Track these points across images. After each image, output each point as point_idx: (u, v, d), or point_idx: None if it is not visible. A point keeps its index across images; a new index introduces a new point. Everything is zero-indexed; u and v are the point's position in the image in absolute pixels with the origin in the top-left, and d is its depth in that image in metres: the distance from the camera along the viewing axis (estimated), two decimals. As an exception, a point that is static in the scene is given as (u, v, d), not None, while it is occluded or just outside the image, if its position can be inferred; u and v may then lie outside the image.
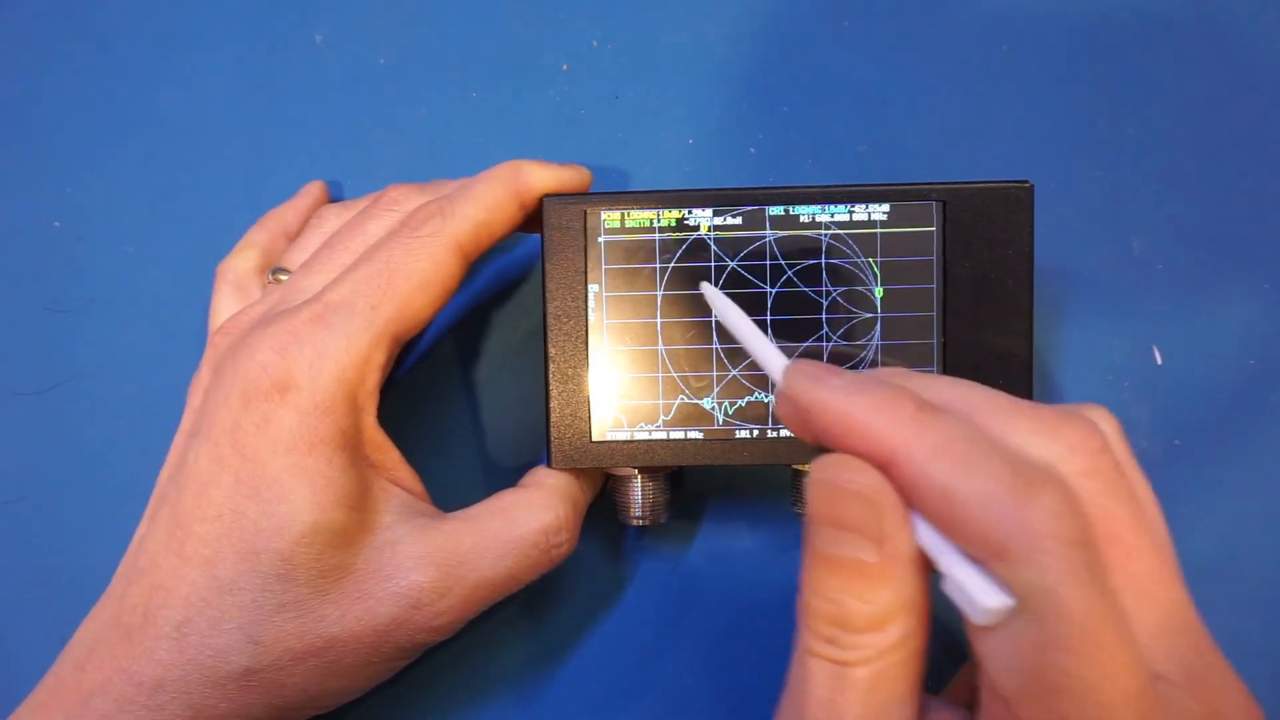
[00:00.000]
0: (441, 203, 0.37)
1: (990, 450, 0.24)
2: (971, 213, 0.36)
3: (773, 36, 0.45)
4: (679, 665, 0.43)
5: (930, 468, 0.24)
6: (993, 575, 0.23)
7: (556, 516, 0.37)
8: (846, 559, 0.25)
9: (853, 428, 0.25)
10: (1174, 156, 0.44)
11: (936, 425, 0.24)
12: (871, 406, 0.25)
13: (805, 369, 0.28)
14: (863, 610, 0.25)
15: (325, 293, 0.35)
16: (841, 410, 0.26)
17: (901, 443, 0.24)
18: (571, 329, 0.37)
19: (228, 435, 0.33)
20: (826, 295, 0.37)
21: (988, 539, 0.23)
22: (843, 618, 0.25)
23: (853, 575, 0.25)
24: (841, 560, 0.25)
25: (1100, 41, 0.44)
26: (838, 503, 0.25)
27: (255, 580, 0.33)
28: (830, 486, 0.25)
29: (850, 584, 0.25)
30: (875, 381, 0.26)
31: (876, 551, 0.25)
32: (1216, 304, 0.43)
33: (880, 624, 0.25)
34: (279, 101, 0.45)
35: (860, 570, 0.25)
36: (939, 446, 0.24)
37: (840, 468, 0.25)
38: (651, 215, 0.37)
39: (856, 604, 0.25)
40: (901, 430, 0.25)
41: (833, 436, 0.26)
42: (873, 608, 0.25)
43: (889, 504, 0.25)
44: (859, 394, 0.26)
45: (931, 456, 0.24)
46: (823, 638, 0.26)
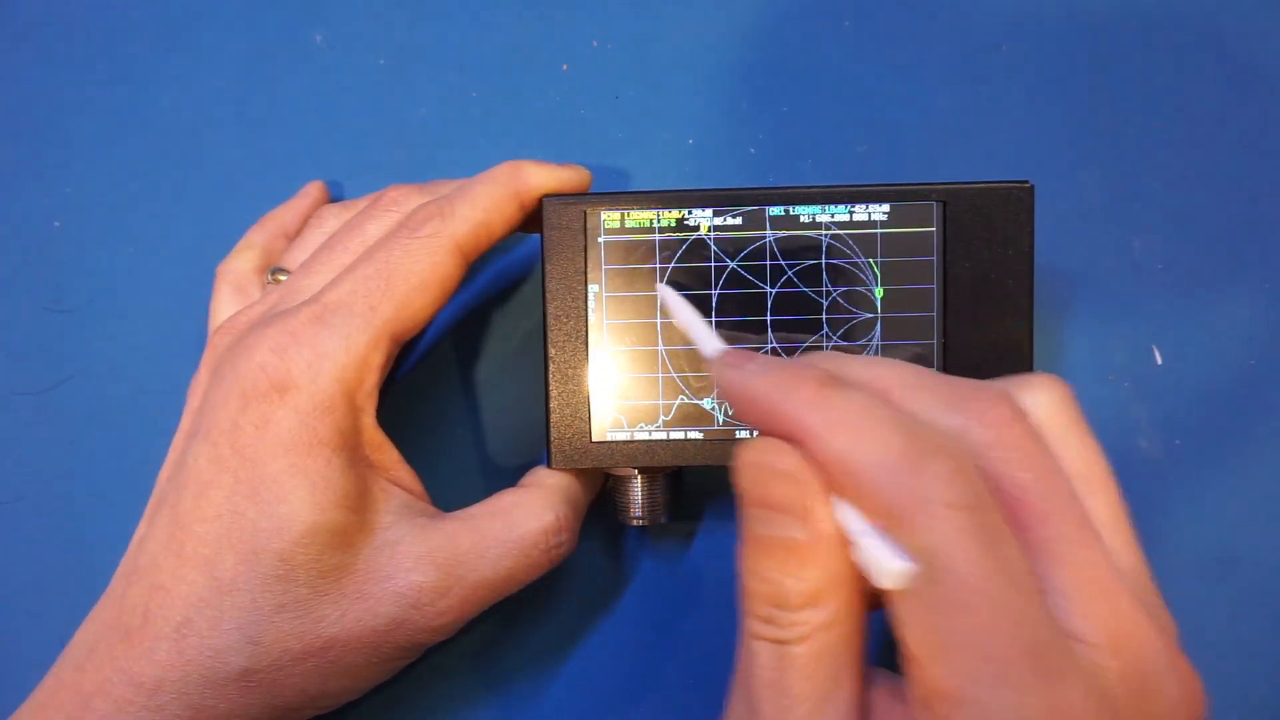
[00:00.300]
0: (441, 203, 0.37)
1: (885, 420, 0.25)
2: (972, 213, 0.36)
3: (773, 36, 0.45)
4: (679, 665, 0.43)
5: (830, 440, 0.25)
6: (895, 542, 0.24)
7: (556, 517, 0.37)
8: (778, 538, 0.26)
9: (764, 408, 0.26)
10: (1174, 156, 0.44)
11: (836, 400, 0.25)
12: (774, 386, 0.26)
13: (727, 358, 0.28)
14: (797, 588, 0.25)
15: (324, 293, 0.35)
16: (752, 392, 0.27)
17: (803, 418, 0.25)
18: (571, 329, 0.37)
19: (226, 436, 0.33)
20: (827, 295, 0.37)
21: (883, 506, 0.24)
22: (779, 597, 0.26)
23: (785, 554, 0.26)
24: (773, 540, 0.26)
25: (1100, 41, 0.44)
26: (764, 483, 0.26)
27: (255, 581, 0.33)
28: (754, 467, 0.26)
29: (783, 563, 0.26)
30: (782, 363, 0.27)
31: (804, 529, 0.25)
32: (1216, 304, 0.44)
33: (814, 600, 0.25)
34: (279, 101, 0.45)
35: (791, 548, 0.25)
36: (836, 420, 0.25)
37: (763, 450, 0.26)
38: (651, 215, 0.37)
39: (791, 582, 0.25)
40: (802, 407, 0.25)
41: (753, 420, 0.27)
42: (806, 584, 0.25)
43: (808, 481, 0.25)
44: (763, 376, 0.27)
45: (830, 430, 0.25)
46: (761, 618, 0.26)
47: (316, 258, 0.38)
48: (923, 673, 0.24)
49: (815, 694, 0.26)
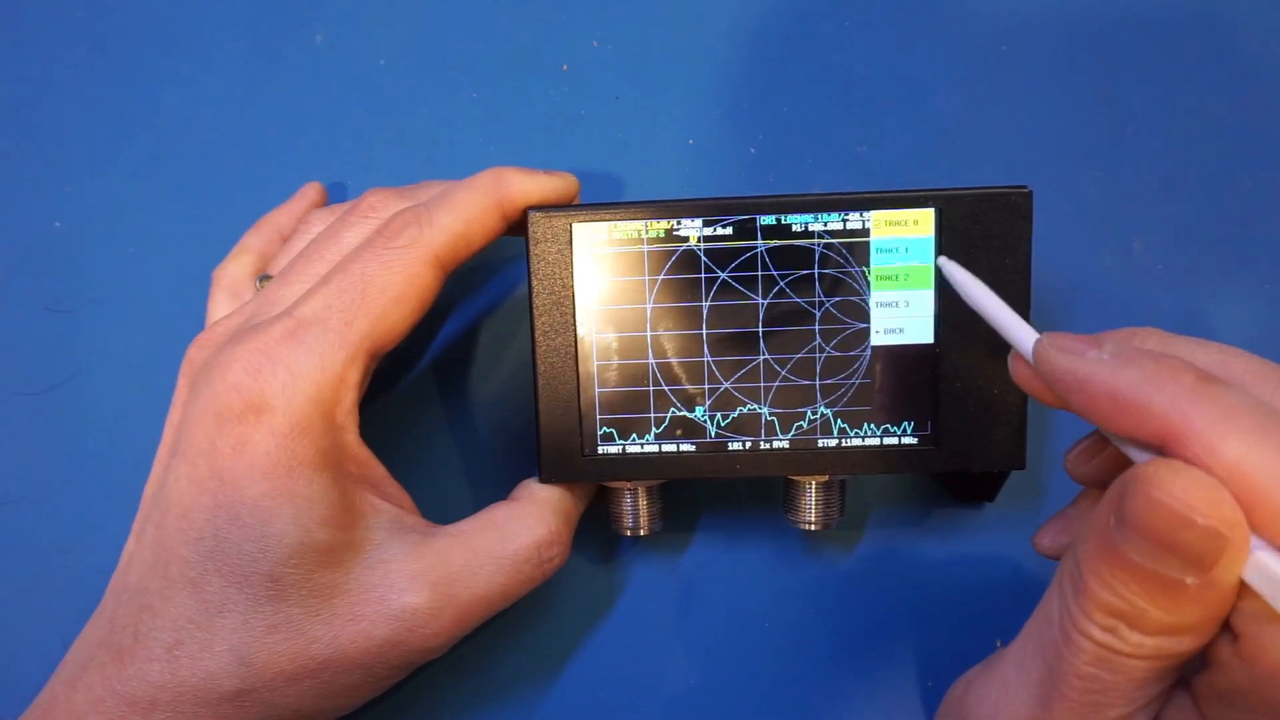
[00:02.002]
0: (419, 211, 0.36)
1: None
2: (968, 220, 0.35)
3: (773, 36, 0.45)
4: (673, 673, 0.43)
5: (1220, 444, 0.22)
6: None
7: (549, 531, 0.37)
8: (1160, 575, 0.23)
9: (1127, 405, 0.24)
10: (1174, 156, 0.44)
11: (1223, 397, 0.23)
12: (1144, 379, 0.24)
13: (1060, 342, 0.26)
14: (1161, 619, 0.24)
15: (297, 306, 0.34)
16: (1110, 386, 0.24)
17: (1183, 417, 0.23)
18: (560, 344, 0.37)
19: (205, 457, 0.33)
20: (819, 306, 0.36)
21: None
22: (1134, 618, 0.24)
23: (1160, 589, 0.23)
24: (1153, 574, 0.23)
25: (1100, 42, 0.44)
26: (1177, 529, 0.22)
27: (245, 602, 0.32)
28: (1171, 510, 0.23)
29: (1154, 595, 0.24)
30: (1143, 352, 0.25)
31: (1200, 578, 0.23)
32: (1216, 304, 0.43)
33: (1176, 632, 0.24)
34: (279, 102, 0.45)
35: (1171, 588, 0.23)
36: (1228, 417, 0.22)
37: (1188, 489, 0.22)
38: (639, 227, 0.36)
39: (1156, 612, 0.24)
40: (1181, 402, 0.23)
41: (1103, 416, 0.25)
42: (1174, 619, 0.24)
43: (1239, 537, 0.22)
44: (1128, 367, 0.24)
45: (1222, 429, 0.22)
46: (1101, 626, 0.25)
47: (293, 267, 0.37)
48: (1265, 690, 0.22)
49: (1137, 702, 0.25)
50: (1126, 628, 0.24)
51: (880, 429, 0.37)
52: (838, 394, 0.36)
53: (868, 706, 0.42)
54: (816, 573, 0.43)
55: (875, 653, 0.43)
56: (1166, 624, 0.24)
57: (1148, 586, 0.24)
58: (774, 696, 0.43)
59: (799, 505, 0.39)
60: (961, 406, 0.36)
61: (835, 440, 0.37)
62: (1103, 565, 0.24)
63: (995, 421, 0.36)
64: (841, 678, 0.42)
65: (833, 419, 0.37)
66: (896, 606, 0.43)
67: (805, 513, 0.39)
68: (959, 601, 0.42)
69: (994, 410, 0.36)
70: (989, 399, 0.36)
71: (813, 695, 0.42)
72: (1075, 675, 0.26)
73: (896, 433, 0.37)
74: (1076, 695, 0.26)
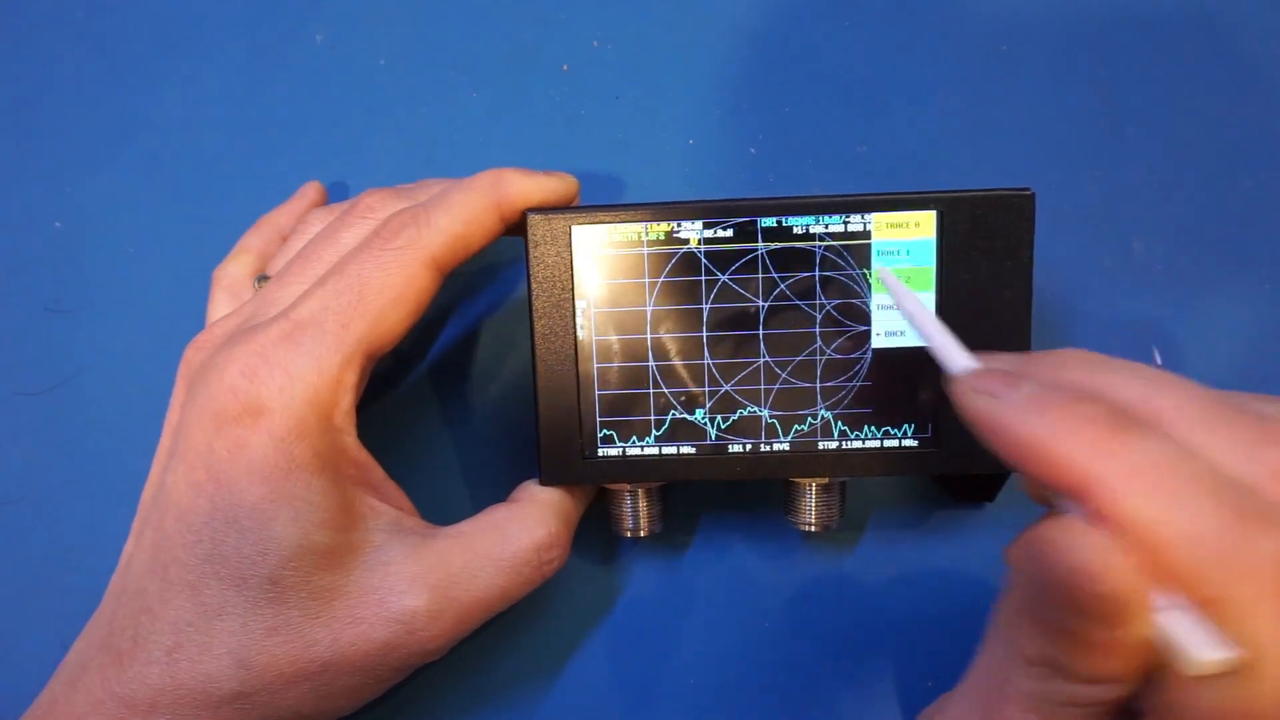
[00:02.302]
0: (416, 211, 0.35)
1: (1199, 481, 0.22)
2: (970, 222, 0.35)
3: (773, 37, 0.45)
4: (673, 674, 0.43)
5: (1131, 501, 0.22)
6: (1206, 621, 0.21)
7: (549, 533, 0.37)
8: (1075, 632, 0.23)
9: (1036, 456, 0.23)
10: (1174, 156, 0.44)
11: (1135, 448, 0.22)
12: (1052, 429, 0.23)
13: (978, 383, 0.26)
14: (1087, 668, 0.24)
15: (294, 308, 0.34)
16: (1020, 434, 0.24)
17: (1094, 469, 0.22)
18: (560, 346, 0.37)
19: (202, 460, 0.33)
20: (820, 309, 0.36)
21: (1199, 584, 0.21)
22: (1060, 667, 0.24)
23: (1079, 644, 0.23)
24: (1068, 631, 0.23)
25: (1100, 42, 0.44)
26: (1080, 593, 0.22)
27: (244, 605, 0.32)
28: (1068, 573, 0.22)
29: (1074, 649, 0.24)
30: (1054, 396, 0.24)
31: (1113, 633, 0.23)
32: (1216, 304, 0.43)
33: (1103, 680, 0.24)
34: (279, 102, 0.45)
35: (1089, 641, 0.23)
36: (1138, 475, 0.22)
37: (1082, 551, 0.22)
38: (639, 229, 0.36)
39: (1080, 662, 0.24)
40: (1090, 454, 0.22)
41: (1018, 461, 0.24)
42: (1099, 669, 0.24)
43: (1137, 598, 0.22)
44: (1037, 414, 0.24)
45: (1131, 487, 0.22)
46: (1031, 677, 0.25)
47: (291, 268, 0.37)
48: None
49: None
50: (1055, 678, 0.24)
51: (880, 431, 0.37)
52: (838, 396, 0.36)
53: (867, 707, 0.42)
54: (816, 574, 0.43)
55: (875, 654, 0.43)
56: (1093, 673, 0.24)
57: (1063, 642, 0.24)
58: (774, 697, 0.43)
59: (799, 507, 0.39)
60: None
61: (836, 442, 0.37)
62: (1022, 618, 0.25)
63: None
64: (841, 679, 0.43)
65: (833, 421, 0.37)
66: (896, 608, 0.43)
67: (805, 514, 0.39)
68: (958, 603, 0.42)
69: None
70: None
71: (812, 696, 0.42)
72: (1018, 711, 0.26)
73: (897, 435, 0.37)
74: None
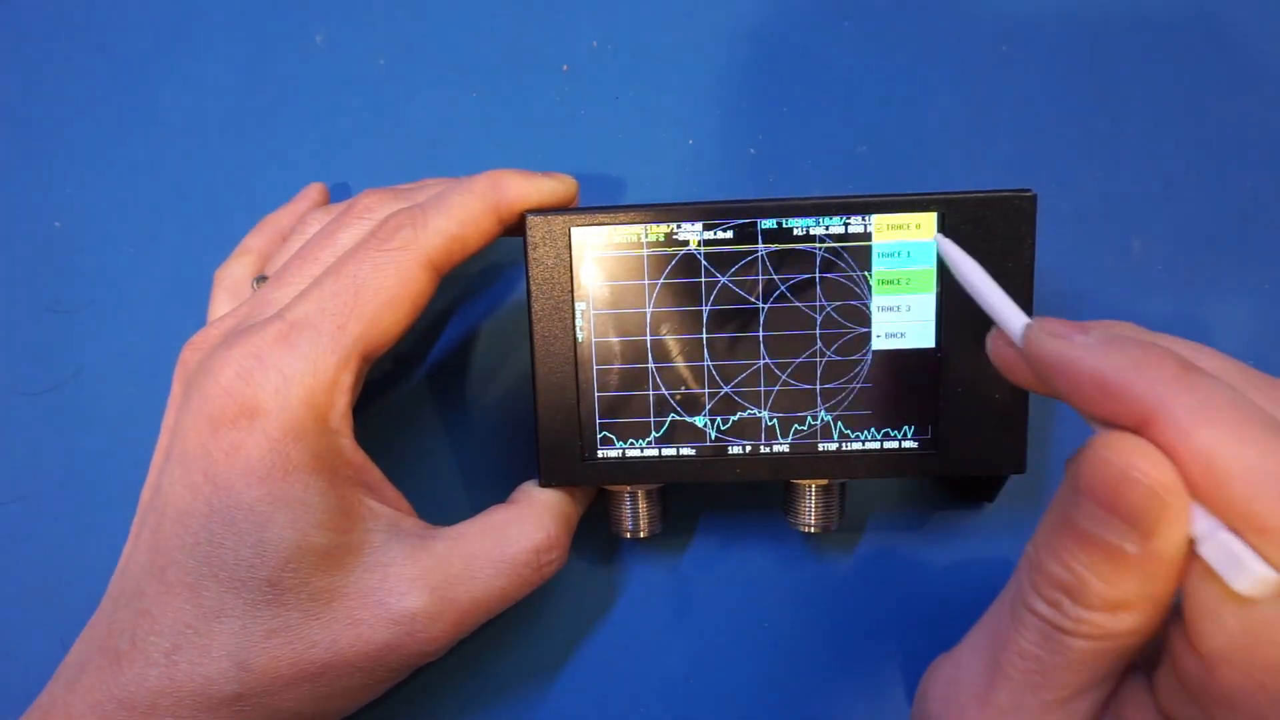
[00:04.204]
0: (414, 212, 0.35)
1: (1262, 421, 0.23)
2: (971, 224, 0.35)
3: (773, 37, 0.45)
4: (672, 675, 0.43)
5: (1198, 428, 0.23)
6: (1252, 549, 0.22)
7: (548, 535, 0.37)
8: (1102, 541, 0.24)
9: (1109, 387, 0.24)
10: (1174, 156, 0.44)
11: (1202, 386, 0.23)
12: (1129, 365, 0.24)
13: (1050, 327, 0.27)
14: (1102, 592, 0.24)
15: (290, 309, 0.34)
16: (1094, 369, 0.25)
17: (1162, 402, 0.23)
18: (559, 348, 0.37)
19: (199, 462, 0.33)
20: (820, 310, 0.36)
21: (1250, 512, 0.22)
22: (1077, 590, 0.25)
23: (1102, 557, 0.24)
24: (1096, 540, 0.24)
25: (1100, 42, 0.44)
26: (1119, 488, 0.24)
27: (242, 607, 0.32)
28: (1116, 469, 0.24)
29: (1096, 564, 0.24)
30: (1128, 339, 0.25)
31: (1141, 545, 0.24)
32: (1216, 304, 0.43)
33: (1116, 608, 0.24)
34: (279, 101, 0.45)
35: (1113, 556, 0.24)
36: (1206, 406, 0.23)
37: (1133, 452, 0.23)
38: (639, 231, 0.36)
39: (1098, 585, 0.24)
40: (1162, 388, 0.23)
41: (1086, 398, 0.25)
42: (1115, 593, 0.24)
43: (1177, 503, 0.23)
44: (1114, 352, 0.25)
45: (1198, 416, 0.23)
46: (1046, 600, 0.26)
47: (288, 268, 0.37)
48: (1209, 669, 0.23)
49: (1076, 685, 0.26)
50: (1069, 602, 0.25)
51: (881, 433, 0.37)
52: (838, 398, 0.36)
53: (867, 708, 0.42)
54: (816, 575, 0.43)
55: (874, 655, 0.43)
56: (1107, 598, 0.24)
57: (1091, 554, 0.24)
58: (773, 698, 0.43)
59: (799, 508, 0.39)
60: (962, 411, 0.36)
61: (835, 444, 0.37)
62: (1053, 536, 0.25)
63: (996, 426, 0.36)
64: (840, 679, 0.43)
65: (833, 423, 0.37)
66: (896, 609, 0.43)
67: (805, 515, 0.39)
68: (958, 604, 0.43)
69: (995, 415, 0.36)
70: (990, 403, 0.36)
71: (812, 697, 0.43)
72: (1018, 654, 0.26)
73: (897, 437, 0.37)
74: (1017, 675, 0.27)
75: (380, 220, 0.36)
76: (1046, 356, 0.27)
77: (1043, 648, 0.26)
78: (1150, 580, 0.24)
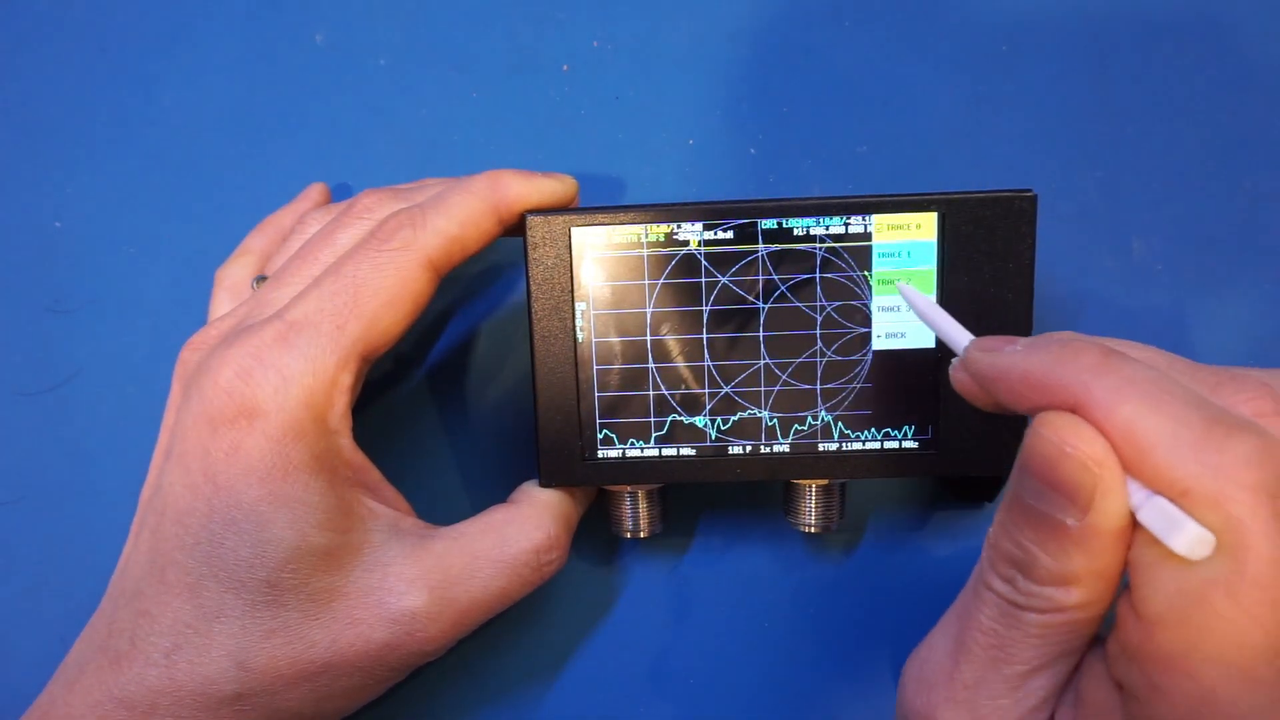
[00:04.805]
0: (413, 213, 0.35)
1: (1179, 393, 0.24)
2: (971, 224, 0.35)
3: (773, 37, 0.45)
4: (673, 675, 0.43)
5: (1118, 407, 0.24)
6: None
7: (548, 535, 0.37)
8: (1046, 516, 0.25)
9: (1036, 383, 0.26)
10: (1174, 156, 0.44)
11: (1122, 366, 0.25)
12: (1053, 360, 0.26)
13: (983, 343, 0.28)
14: (1049, 566, 0.25)
15: (289, 309, 0.34)
16: (1023, 370, 0.26)
17: (1088, 386, 0.25)
18: (559, 348, 0.37)
19: (199, 462, 0.33)
20: (821, 310, 0.36)
21: (1173, 478, 0.23)
22: (1027, 566, 0.26)
23: (1047, 532, 0.25)
24: (1040, 515, 0.25)
25: (1100, 42, 0.44)
26: (1055, 462, 0.25)
27: (241, 607, 0.32)
28: (1051, 444, 0.25)
29: (1043, 540, 0.25)
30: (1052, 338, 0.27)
31: (1079, 518, 0.25)
32: (1216, 304, 0.44)
33: (1064, 582, 0.25)
34: (279, 102, 0.45)
35: (1056, 530, 0.25)
36: (1124, 385, 0.24)
37: (1066, 428, 0.25)
38: (639, 231, 0.36)
39: (1045, 559, 0.25)
40: (1085, 374, 0.25)
41: (1020, 398, 0.27)
42: (1060, 566, 0.25)
43: (1109, 476, 0.24)
44: (1039, 351, 0.26)
45: (1119, 397, 0.24)
46: (1001, 576, 0.27)
47: (287, 268, 0.37)
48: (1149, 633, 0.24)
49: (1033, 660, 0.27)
50: (1021, 578, 0.26)
51: (881, 433, 0.37)
52: (839, 398, 0.36)
53: (867, 708, 0.42)
54: (816, 575, 0.43)
55: (874, 654, 0.43)
56: (1054, 572, 0.25)
57: (1038, 530, 0.25)
58: (773, 698, 0.43)
59: (799, 508, 0.39)
60: (962, 411, 0.36)
61: (836, 444, 0.37)
62: (1005, 514, 0.27)
63: (996, 426, 0.36)
64: (841, 679, 0.43)
65: (833, 423, 0.37)
66: (896, 609, 0.43)
67: (805, 515, 0.39)
68: (958, 604, 0.43)
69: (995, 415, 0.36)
70: None
71: (812, 696, 0.43)
72: (979, 629, 0.27)
73: (897, 437, 0.37)
74: (980, 650, 0.28)
75: (380, 220, 0.36)
76: (983, 370, 0.28)
77: (1000, 623, 0.27)
78: (1095, 554, 0.25)
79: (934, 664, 0.30)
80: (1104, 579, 0.25)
